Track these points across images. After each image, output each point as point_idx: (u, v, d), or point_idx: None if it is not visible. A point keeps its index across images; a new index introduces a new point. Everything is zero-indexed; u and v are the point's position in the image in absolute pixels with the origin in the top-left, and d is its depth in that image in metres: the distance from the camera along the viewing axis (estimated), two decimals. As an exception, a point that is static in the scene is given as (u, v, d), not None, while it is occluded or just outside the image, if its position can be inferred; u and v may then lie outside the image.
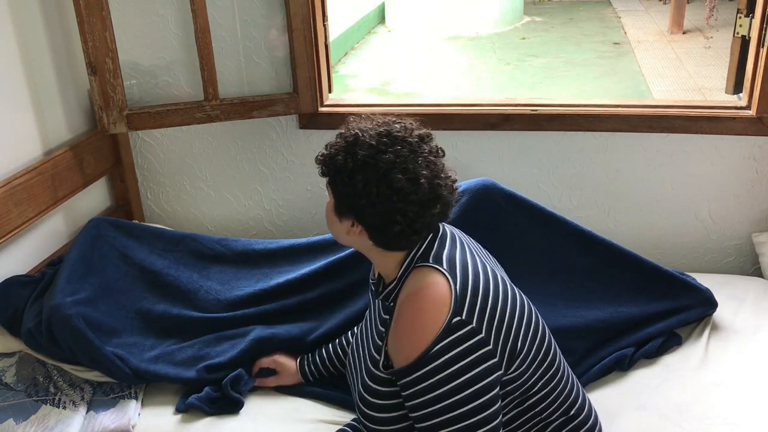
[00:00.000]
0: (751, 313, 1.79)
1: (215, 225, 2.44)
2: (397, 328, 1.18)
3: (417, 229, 1.18)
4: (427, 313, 1.14)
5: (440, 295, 1.15)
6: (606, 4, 10.66)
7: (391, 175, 1.15)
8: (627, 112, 2.05)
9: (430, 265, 1.19)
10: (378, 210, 1.16)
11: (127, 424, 1.49)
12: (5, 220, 1.75)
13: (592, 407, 1.36)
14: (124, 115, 2.01)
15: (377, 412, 1.24)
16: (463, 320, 1.13)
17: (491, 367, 1.14)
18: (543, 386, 1.25)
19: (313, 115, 2.20)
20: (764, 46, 1.91)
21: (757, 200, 2.08)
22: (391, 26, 9.47)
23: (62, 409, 1.50)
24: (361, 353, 1.35)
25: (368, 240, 1.23)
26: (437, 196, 1.18)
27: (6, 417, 1.46)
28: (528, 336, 1.23)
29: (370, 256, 1.29)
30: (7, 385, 1.55)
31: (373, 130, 1.20)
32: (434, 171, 1.19)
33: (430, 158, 1.19)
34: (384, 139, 1.18)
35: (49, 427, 1.45)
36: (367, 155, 1.16)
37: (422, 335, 1.13)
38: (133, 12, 2.04)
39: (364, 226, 1.21)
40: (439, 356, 1.12)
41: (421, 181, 1.16)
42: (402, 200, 1.15)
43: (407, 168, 1.15)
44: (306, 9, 2.02)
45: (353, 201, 1.18)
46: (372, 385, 1.25)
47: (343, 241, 1.30)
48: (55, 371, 1.62)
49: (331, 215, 1.26)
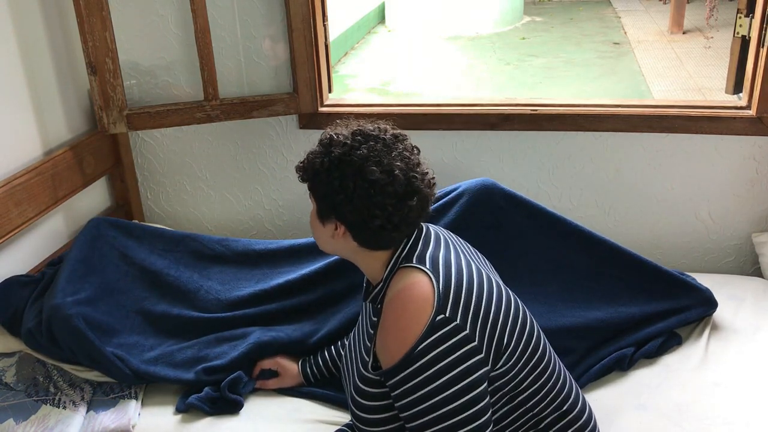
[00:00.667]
0: (751, 313, 1.79)
1: (215, 225, 2.44)
2: (382, 329, 1.20)
3: (396, 223, 1.20)
4: (411, 312, 1.16)
5: (423, 294, 1.16)
6: (606, 4, 10.66)
7: (365, 168, 1.18)
8: (627, 112, 2.05)
9: (413, 266, 1.21)
10: (356, 206, 1.19)
11: (127, 424, 1.49)
12: (5, 220, 1.75)
13: (586, 404, 1.36)
14: (124, 115, 2.01)
15: (368, 413, 1.26)
16: (447, 317, 1.14)
17: (477, 363, 1.15)
18: (533, 382, 1.26)
19: (313, 115, 2.20)
20: (764, 46, 1.91)
21: (757, 200, 2.08)
22: (391, 26, 9.47)
23: (62, 409, 1.50)
24: (353, 356, 1.36)
25: (352, 241, 1.25)
26: (414, 189, 1.21)
27: (6, 417, 1.46)
28: (515, 331, 1.24)
29: (356, 261, 1.31)
30: (7, 385, 1.55)
31: (347, 131, 1.25)
32: (409, 165, 1.22)
33: (404, 153, 1.23)
34: (358, 137, 1.23)
35: (49, 427, 1.45)
36: (341, 153, 1.21)
37: (407, 334, 1.14)
38: (133, 12, 2.04)
39: (346, 226, 1.24)
40: (424, 354, 1.13)
41: (396, 172, 1.19)
42: (379, 193, 1.18)
43: (381, 161, 1.19)
44: (306, 9, 2.02)
45: (332, 199, 1.21)
46: (362, 387, 1.26)
47: (328, 248, 1.33)
48: (55, 371, 1.62)
49: (315, 222, 1.30)
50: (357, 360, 1.32)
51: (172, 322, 1.74)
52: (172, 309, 1.76)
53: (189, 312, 1.76)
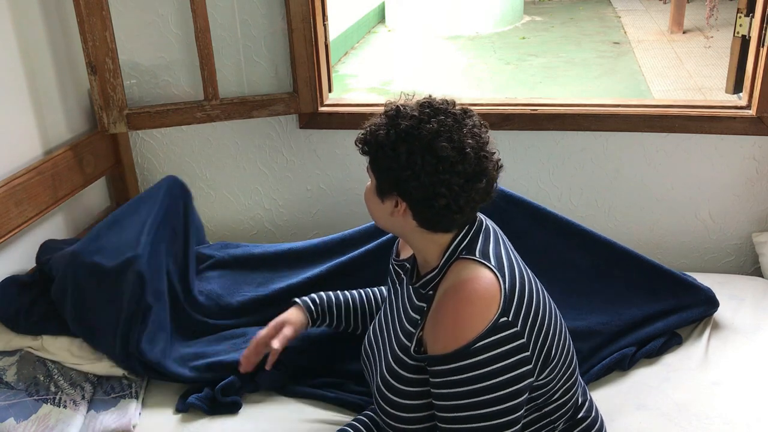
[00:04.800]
0: (751, 313, 1.79)
1: (215, 225, 2.44)
2: (438, 316, 1.15)
3: (461, 205, 1.14)
4: (475, 307, 1.11)
5: (489, 292, 1.12)
6: (606, 4, 10.65)
7: (436, 144, 1.10)
8: (627, 111, 2.05)
9: (477, 260, 1.16)
10: (423, 182, 1.12)
11: (128, 423, 1.49)
12: (5, 219, 1.75)
13: (594, 406, 1.36)
14: (124, 115, 2.01)
15: (401, 398, 1.22)
16: (509, 321, 1.11)
17: (526, 373, 1.12)
18: (563, 394, 1.24)
19: (313, 114, 2.20)
20: (764, 46, 1.91)
21: (757, 200, 2.08)
22: (391, 26, 9.47)
23: (63, 408, 1.50)
24: (386, 339, 1.31)
25: (412, 220, 1.18)
26: (483, 170, 1.14)
27: (7, 416, 1.45)
28: (560, 343, 1.21)
29: (411, 241, 1.24)
30: (7, 384, 1.55)
31: (413, 103, 1.17)
32: (479, 143, 1.15)
33: (474, 130, 1.15)
34: (426, 109, 1.15)
35: (50, 426, 1.45)
36: (410, 125, 1.13)
37: (467, 328, 1.10)
38: (133, 12, 2.04)
39: (408, 203, 1.16)
40: (479, 353, 1.09)
41: (467, 150, 1.12)
42: (448, 170, 1.11)
43: (452, 137, 1.12)
44: (306, 8, 2.02)
45: (397, 174, 1.14)
46: (398, 371, 1.22)
47: (384, 224, 1.25)
48: (56, 370, 1.61)
49: (372, 198, 1.22)
50: (393, 344, 1.27)
51: (174, 323, 1.73)
52: (173, 310, 1.75)
53: (193, 314, 1.75)
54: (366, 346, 1.41)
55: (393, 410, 1.23)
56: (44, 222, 1.98)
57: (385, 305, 1.41)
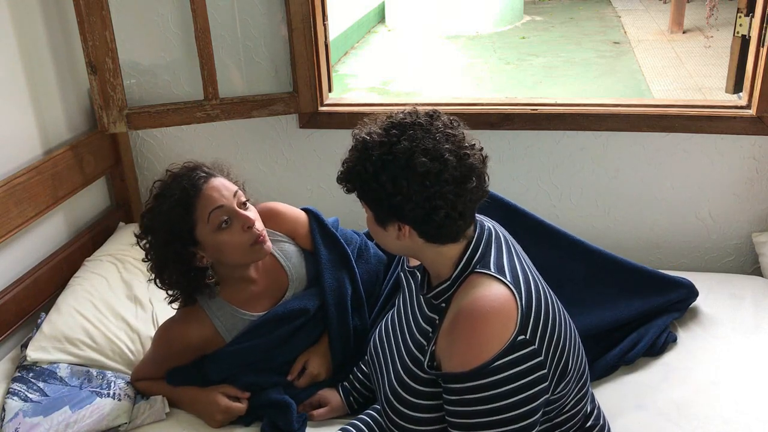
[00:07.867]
0: (750, 313, 1.79)
1: (215, 224, 2.43)
2: (454, 334, 1.13)
3: (461, 210, 1.13)
4: (492, 325, 1.10)
5: (507, 310, 1.11)
6: (606, 4, 10.65)
7: (414, 162, 1.10)
8: (627, 111, 2.05)
9: (492, 275, 1.15)
10: (416, 202, 1.11)
11: (161, 411, 1.57)
12: (5, 219, 1.75)
13: (602, 413, 1.36)
14: (124, 115, 2.01)
15: (411, 410, 1.21)
16: (527, 340, 1.10)
17: (543, 390, 1.12)
18: (574, 405, 1.24)
19: (313, 114, 2.20)
20: (764, 46, 1.91)
21: (757, 200, 2.08)
22: (391, 25, 9.47)
23: (117, 400, 1.57)
24: (394, 347, 1.30)
25: (419, 239, 1.18)
26: (469, 169, 1.13)
27: (62, 405, 1.54)
28: (576, 358, 1.20)
29: (423, 258, 1.23)
30: (61, 379, 1.62)
31: (378, 128, 1.16)
32: (455, 142, 1.13)
33: (447, 131, 1.14)
34: (393, 130, 1.14)
35: (105, 413, 1.53)
36: (382, 153, 1.12)
37: (484, 347, 1.09)
38: (133, 12, 2.04)
39: (410, 224, 1.16)
40: (497, 372, 1.08)
41: (446, 156, 1.11)
42: (435, 182, 1.10)
43: (427, 149, 1.11)
44: (306, 8, 2.02)
45: (389, 202, 1.13)
46: (410, 383, 1.21)
47: (394, 249, 1.25)
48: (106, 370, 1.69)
49: (375, 227, 1.22)
50: (402, 354, 1.26)
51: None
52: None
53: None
54: (372, 349, 1.40)
55: (402, 421, 1.22)
56: (44, 222, 1.98)
57: (394, 311, 1.40)
